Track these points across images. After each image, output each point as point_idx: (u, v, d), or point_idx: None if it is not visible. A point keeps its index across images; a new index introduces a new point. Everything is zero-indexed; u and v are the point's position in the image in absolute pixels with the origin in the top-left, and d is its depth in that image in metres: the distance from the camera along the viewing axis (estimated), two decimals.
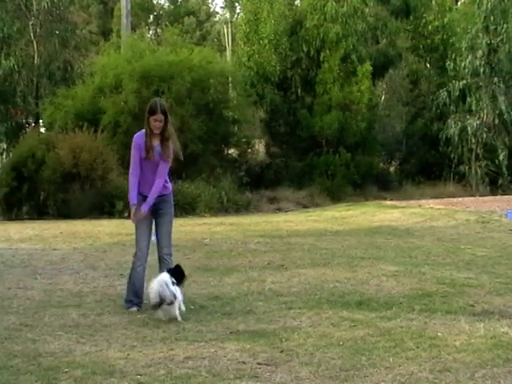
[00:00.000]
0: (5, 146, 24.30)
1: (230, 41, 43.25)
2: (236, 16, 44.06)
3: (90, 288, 8.12)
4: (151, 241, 7.45)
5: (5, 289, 8.09)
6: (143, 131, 7.08)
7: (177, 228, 8.56)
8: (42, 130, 24.09)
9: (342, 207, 19.03)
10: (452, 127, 24.49)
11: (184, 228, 13.78)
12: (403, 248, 11.19)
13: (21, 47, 24.40)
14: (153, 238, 7.47)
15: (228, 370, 5.06)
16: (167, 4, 51.58)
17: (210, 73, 22.88)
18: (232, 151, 25.22)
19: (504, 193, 23.41)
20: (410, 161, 27.61)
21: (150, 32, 46.33)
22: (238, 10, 44.32)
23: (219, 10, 69.40)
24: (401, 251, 10.83)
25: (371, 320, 6.45)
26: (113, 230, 13.84)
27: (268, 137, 26.74)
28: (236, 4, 47.05)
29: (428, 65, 28.56)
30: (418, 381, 4.82)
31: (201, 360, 5.30)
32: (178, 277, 6.72)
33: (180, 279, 6.74)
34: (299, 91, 26.12)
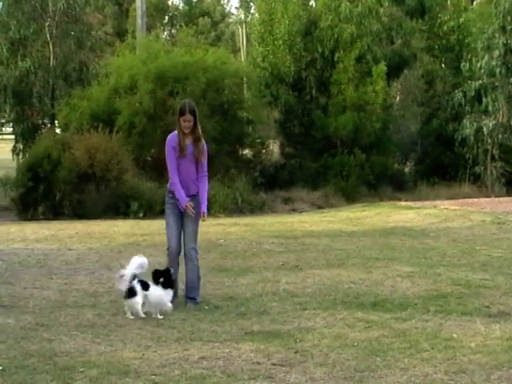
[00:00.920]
0: (21, 147, 24.44)
1: (245, 41, 43.31)
2: (250, 16, 44.10)
3: (105, 288, 8.15)
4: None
5: (21, 288, 8.15)
6: (175, 132, 7.36)
7: None
8: (58, 131, 24.22)
9: (357, 208, 18.96)
10: (467, 128, 24.31)
11: (198, 228, 13.74)
12: (418, 249, 11.15)
13: (37, 48, 24.51)
14: None
15: (242, 371, 5.07)
16: (182, 5, 51.77)
17: (225, 73, 22.87)
18: (246, 152, 25.20)
19: None
20: (425, 161, 27.47)
21: (165, 33, 46.51)
22: (253, 11, 44.40)
23: (234, 11, 69.47)
24: (416, 252, 10.79)
25: (386, 321, 6.44)
26: (128, 231, 13.88)
27: (282, 137, 26.70)
28: (251, 4, 47.12)
29: (443, 65, 28.38)
30: (433, 382, 4.81)
31: (215, 360, 5.31)
32: (166, 280, 6.84)
33: (167, 283, 6.84)
34: (314, 92, 26.06)
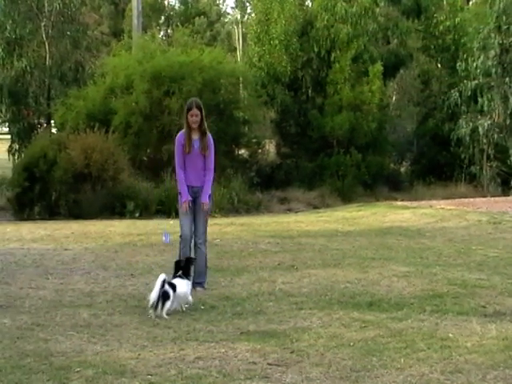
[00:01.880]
0: (17, 147, 24.41)
1: (241, 41, 43.32)
2: (247, 16, 44.12)
3: (101, 288, 8.15)
4: (162, 240, 7.55)
5: (17, 288, 8.13)
6: (183, 130, 7.79)
7: None
8: (54, 131, 24.19)
9: (353, 208, 18.97)
10: (463, 127, 24.36)
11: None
12: (414, 249, 11.16)
13: (33, 48, 24.48)
14: (163, 239, 7.58)
15: (238, 371, 5.07)
16: (178, 5, 51.70)
17: (221, 73, 22.86)
18: (242, 152, 25.19)
19: None
20: (421, 161, 27.52)
21: (161, 33, 46.39)
22: (249, 11, 44.40)
23: (230, 11, 69.50)
24: (412, 252, 10.79)
25: (382, 321, 6.44)
26: (124, 231, 13.87)
27: (279, 137, 26.71)
28: (247, 4, 47.14)
29: (439, 65, 28.45)
30: (429, 382, 4.81)
31: (211, 360, 5.31)
32: (186, 269, 7.05)
33: (186, 271, 7.04)
34: (310, 91, 26.09)
